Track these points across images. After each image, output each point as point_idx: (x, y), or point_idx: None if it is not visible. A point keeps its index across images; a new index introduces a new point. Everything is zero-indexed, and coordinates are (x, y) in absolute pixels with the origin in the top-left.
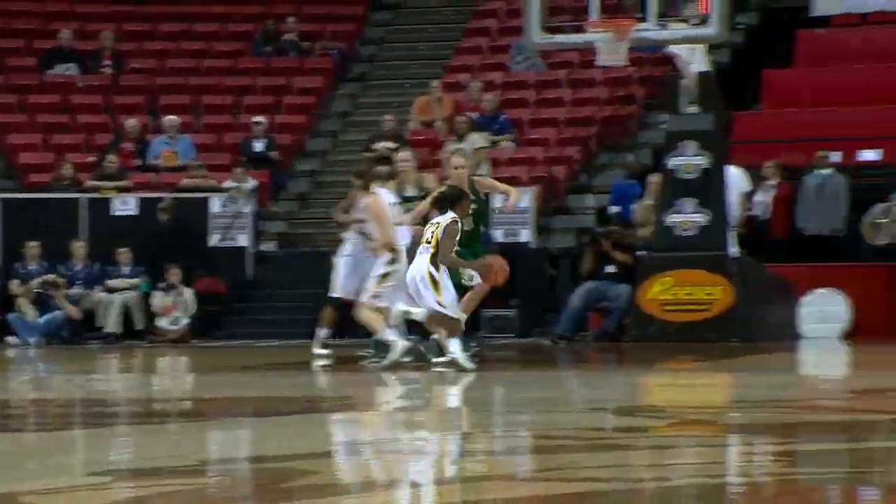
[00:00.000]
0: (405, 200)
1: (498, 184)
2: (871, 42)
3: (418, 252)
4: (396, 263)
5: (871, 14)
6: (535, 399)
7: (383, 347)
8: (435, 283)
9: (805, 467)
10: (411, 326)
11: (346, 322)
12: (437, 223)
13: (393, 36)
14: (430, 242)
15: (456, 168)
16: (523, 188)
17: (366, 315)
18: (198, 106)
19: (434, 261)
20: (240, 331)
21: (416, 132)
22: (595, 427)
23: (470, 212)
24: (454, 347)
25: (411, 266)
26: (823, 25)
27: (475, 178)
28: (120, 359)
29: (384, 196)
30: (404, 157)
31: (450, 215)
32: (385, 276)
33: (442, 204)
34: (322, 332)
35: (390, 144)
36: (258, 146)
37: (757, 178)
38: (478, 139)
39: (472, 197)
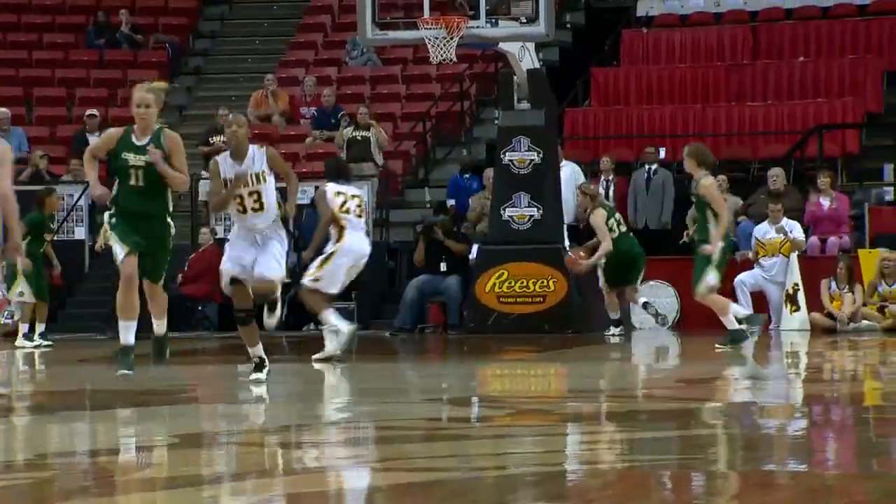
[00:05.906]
0: None
1: None
2: (690, 42)
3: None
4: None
5: (691, 15)
6: (375, 389)
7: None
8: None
9: (639, 454)
10: None
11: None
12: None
13: (227, 30)
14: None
15: None
16: (361, 182)
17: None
18: (29, 98)
19: None
20: (77, 324)
21: (252, 126)
22: (433, 417)
23: None
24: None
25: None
26: (646, 25)
27: None
28: None
29: None
30: None
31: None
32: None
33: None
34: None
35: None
36: (92, 139)
37: (589, 174)
38: None
39: None
